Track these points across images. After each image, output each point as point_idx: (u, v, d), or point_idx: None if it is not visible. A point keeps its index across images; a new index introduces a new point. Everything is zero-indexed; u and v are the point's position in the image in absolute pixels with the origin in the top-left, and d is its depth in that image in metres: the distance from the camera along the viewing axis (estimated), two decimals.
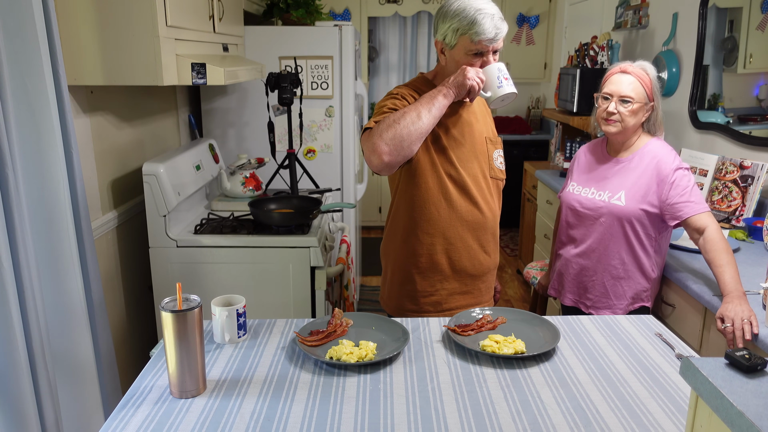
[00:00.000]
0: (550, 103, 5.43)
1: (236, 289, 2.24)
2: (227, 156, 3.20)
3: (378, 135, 1.53)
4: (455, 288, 1.78)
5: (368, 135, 1.57)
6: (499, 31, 1.58)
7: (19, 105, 1.60)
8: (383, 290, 1.89)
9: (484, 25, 1.55)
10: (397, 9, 5.55)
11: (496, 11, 1.58)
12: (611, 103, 1.90)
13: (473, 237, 1.75)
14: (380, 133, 1.53)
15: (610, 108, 1.90)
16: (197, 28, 2.28)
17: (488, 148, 1.78)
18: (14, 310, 1.48)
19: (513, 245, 5.12)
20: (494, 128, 1.86)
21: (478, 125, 1.77)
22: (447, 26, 1.60)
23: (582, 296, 2.03)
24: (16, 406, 1.52)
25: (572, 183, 2.09)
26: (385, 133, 1.52)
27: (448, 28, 1.60)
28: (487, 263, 1.81)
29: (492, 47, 1.60)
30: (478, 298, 1.82)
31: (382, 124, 1.54)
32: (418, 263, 1.75)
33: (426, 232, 1.73)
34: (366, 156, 1.57)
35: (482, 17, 1.55)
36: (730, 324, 1.61)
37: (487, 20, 1.55)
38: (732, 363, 0.87)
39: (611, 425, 1.15)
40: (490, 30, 1.56)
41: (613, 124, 1.92)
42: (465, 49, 1.60)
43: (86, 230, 1.81)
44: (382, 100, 1.69)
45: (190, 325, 1.21)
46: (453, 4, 1.60)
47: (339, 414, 1.18)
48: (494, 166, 1.78)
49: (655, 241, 1.94)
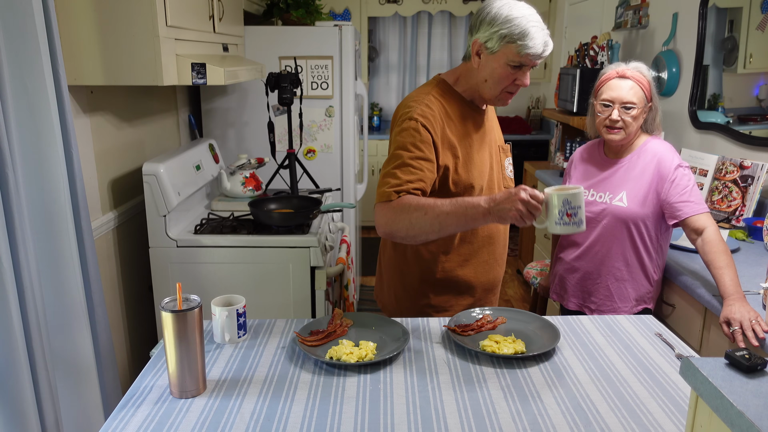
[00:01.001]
0: (550, 103, 5.43)
1: (236, 289, 2.24)
2: (227, 156, 3.20)
3: (392, 220, 1.45)
4: (470, 303, 1.73)
5: (386, 207, 1.46)
6: (546, 48, 1.50)
7: (19, 105, 1.60)
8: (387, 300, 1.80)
9: (535, 39, 1.46)
10: (397, 9, 5.55)
11: (545, 27, 1.50)
12: (614, 111, 1.87)
13: (488, 252, 1.70)
14: (396, 220, 1.44)
15: (614, 116, 1.86)
16: (197, 28, 2.28)
17: (501, 157, 1.73)
18: (14, 310, 1.48)
19: (513, 245, 5.11)
20: (501, 134, 1.80)
21: (492, 134, 1.70)
22: (494, 30, 1.48)
23: (586, 300, 2.02)
24: (16, 406, 1.52)
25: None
26: (401, 223, 1.44)
27: (495, 33, 1.48)
28: (500, 275, 1.78)
29: (533, 63, 1.51)
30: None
31: (401, 212, 1.43)
32: (434, 280, 1.69)
33: (442, 250, 1.67)
34: (376, 219, 1.49)
35: (535, 30, 1.46)
36: (737, 326, 1.60)
37: (538, 34, 1.47)
38: (732, 363, 0.87)
39: (611, 425, 1.15)
40: (539, 45, 1.47)
41: (617, 133, 1.89)
42: (507, 59, 1.49)
43: (86, 230, 1.81)
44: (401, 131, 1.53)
45: (190, 325, 1.21)
46: (503, 8, 1.48)
47: (339, 414, 1.18)
48: (506, 175, 1.74)
49: (657, 243, 1.94)
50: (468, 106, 1.64)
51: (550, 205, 1.37)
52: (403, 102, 1.61)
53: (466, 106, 1.63)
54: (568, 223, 1.36)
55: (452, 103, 1.61)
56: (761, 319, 1.59)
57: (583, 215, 1.37)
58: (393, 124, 1.60)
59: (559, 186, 1.42)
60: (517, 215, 1.35)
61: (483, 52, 1.53)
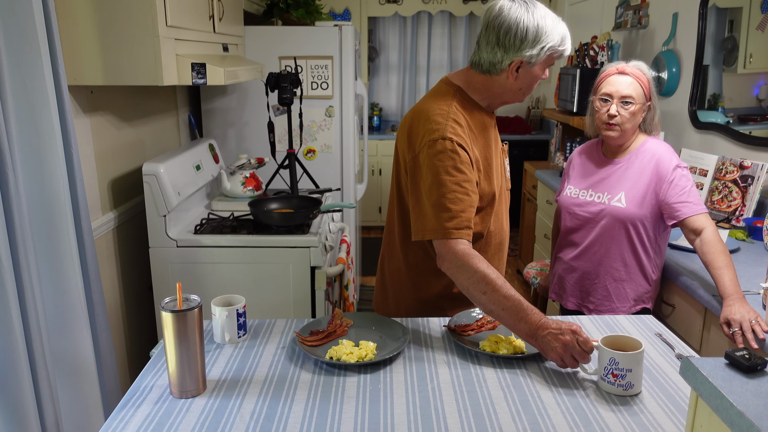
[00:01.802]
0: (550, 103, 5.43)
1: (236, 289, 2.24)
2: (227, 156, 3.20)
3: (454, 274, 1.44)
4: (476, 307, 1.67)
5: (450, 254, 1.43)
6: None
7: (19, 105, 1.60)
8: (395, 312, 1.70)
9: (568, 39, 1.49)
10: (397, 9, 5.55)
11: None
12: (612, 105, 1.88)
13: (498, 258, 1.67)
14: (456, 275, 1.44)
15: (612, 110, 1.87)
16: (197, 28, 2.28)
17: (503, 159, 1.67)
18: (14, 310, 1.48)
19: (513, 245, 5.11)
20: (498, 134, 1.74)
21: (494, 132, 1.64)
22: (540, 46, 1.45)
23: (585, 300, 2.02)
24: (16, 406, 1.52)
25: (569, 186, 2.07)
26: (459, 281, 1.44)
27: (541, 49, 1.45)
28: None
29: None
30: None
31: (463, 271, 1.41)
32: (452, 295, 1.63)
33: None
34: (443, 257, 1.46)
35: (565, 30, 1.49)
36: (737, 327, 1.60)
37: (567, 32, 1.49)
38: (732, 363, 0.87)
39: (611, 425, 1.15)
40: (569, 42, 1.51)
41: (614, 129, 1.89)
42: (546, 64, 1.50)
43: (86, 230, 1.81)
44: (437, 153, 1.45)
45: (190, 325, 1.21)
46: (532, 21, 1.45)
47: (339, 414, 1.18)
48: (506, 177, 1.69)
49: (656, 243, 1.94)
50: (486, 115, 1.59)
51: (599, 355, 1.26)
52: (423, 114, 1.52)
53: (484, 115, 1.58)
54: (612, 384, 1.23)
55: (473, 113, 1.55)
56: (761, 319, 1.59)
57: (634, 379, 1.22)
58: (413, 137, 1.51)
59: (616, 336, 1.28)
60: (558, 358, 1.30)
61: (524, 67, 1.49)
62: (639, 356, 1.22)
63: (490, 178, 1.57)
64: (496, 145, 1.63)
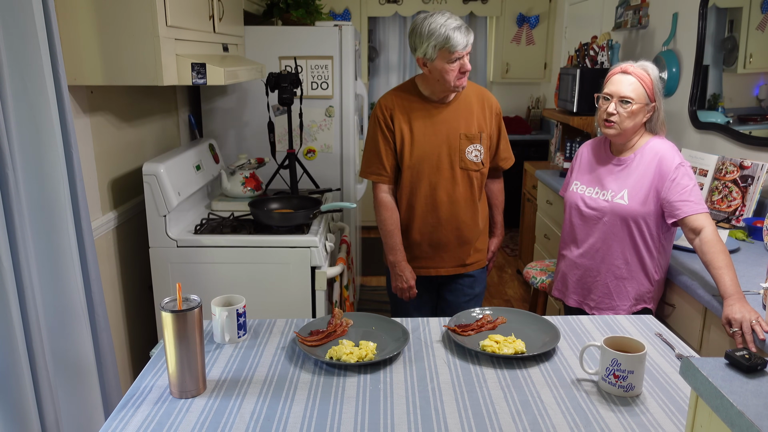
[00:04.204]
0: (550, 103, 5.43)
1: (236, 289, 2.24)
2: (227, 156, 3.20)
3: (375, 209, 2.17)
4: (417, 255, 2.20)
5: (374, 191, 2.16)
6: (468, 40, 1.93)
7: (19, 105, 1.60)
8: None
9: (456, 39, 1.90)
10: (397, 9, 5.55)
11: (461, 23, 1.92)
12: (611, 104, 1.90)
13: (433, 216, 2.12)
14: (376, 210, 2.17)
15: (610, 109, 1.89)
16: (197, 28, 2.28)
17: (461, 143, 2.07)
18: (14, 310, 1.48)
19: (513, 245, 5.12)
20: (483, 124, 2.11)
21: (455, 122, 2.07)
22: (426, 45, 1.93)
23: (586, 297, 2.03)
24: (16, 406, 1.52)
25: (575, 182, 2.08)
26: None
27: (428, 47, 1.92)
28: (449, 236, 2.15)
29: (465, 53, 1.95)
30: (438, 263, 2.20)
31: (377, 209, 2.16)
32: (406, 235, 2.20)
33: (403, 215, 2.18)
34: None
35: (453, 32, 1.89)
36: (738, 328, 1.60)
37: (457, 34, 1.90)
38: (732, 363, 0.87)
39: (611, 425, 1.15)
40: (462, 41, 1.91)
41: (612, 127, 1.91)
42: (445, 60, 1.93)
43: (86, 230, 1.81)
44: (369, 125, 2.14)
45: (190, 325, 1.21)
46: (425, 25, 1.92)
47: (339, 414, 1.18)
48: (466, 158, 2.08)
49: (659, 242, 1.94)
50: (425, 101, 2.08)
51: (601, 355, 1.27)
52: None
53: (423, 101, 2.08)
54: (614, 385, 1.24)
55: (410, 99, 2.09)
56: (762, 319, 1.59)
57: (636, 380, 1.23)
58: None
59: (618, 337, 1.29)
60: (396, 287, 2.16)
61: (427, 62, 1.97)
62: (641, 358, 1.23)
63: (412, 150, 2.08)
64: (437, 128, 2.07)
